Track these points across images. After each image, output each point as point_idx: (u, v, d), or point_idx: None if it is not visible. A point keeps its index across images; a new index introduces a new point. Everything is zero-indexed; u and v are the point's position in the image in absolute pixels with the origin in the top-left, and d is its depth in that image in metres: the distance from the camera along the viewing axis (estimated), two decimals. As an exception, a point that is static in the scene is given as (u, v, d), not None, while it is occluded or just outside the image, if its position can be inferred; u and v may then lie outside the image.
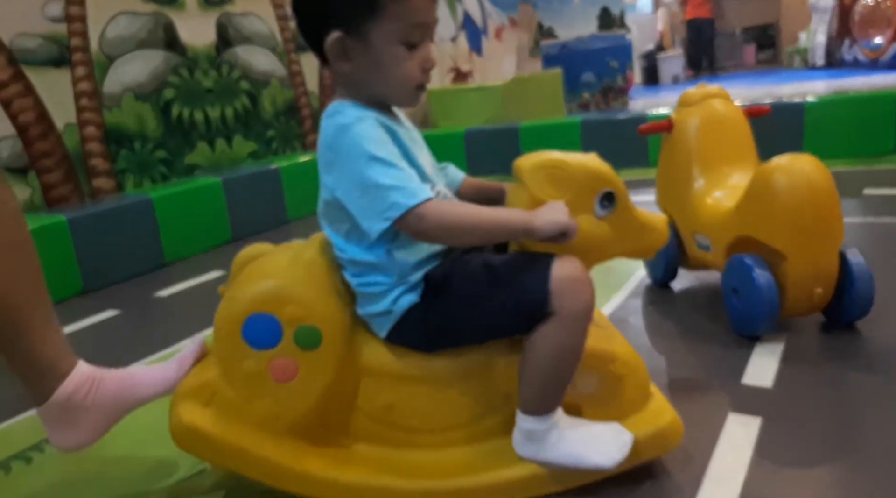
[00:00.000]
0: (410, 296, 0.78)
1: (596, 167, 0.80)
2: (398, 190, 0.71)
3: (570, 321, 0.74)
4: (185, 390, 0.81)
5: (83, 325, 1.79)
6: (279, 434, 0.78)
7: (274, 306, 0.75)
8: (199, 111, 2.90)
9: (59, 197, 2.38)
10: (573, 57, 4.91)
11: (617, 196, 0.81)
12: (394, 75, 0.76)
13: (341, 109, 0.76)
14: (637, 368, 0.85)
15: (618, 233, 0.82)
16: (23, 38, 2.26)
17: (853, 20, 6.00)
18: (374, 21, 0.73)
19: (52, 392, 0.81)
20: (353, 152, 0.73)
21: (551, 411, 0.77)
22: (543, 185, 0.78)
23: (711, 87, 1.42)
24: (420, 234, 0.74)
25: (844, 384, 1.03)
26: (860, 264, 1.13)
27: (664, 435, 0.83)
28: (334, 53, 0.76)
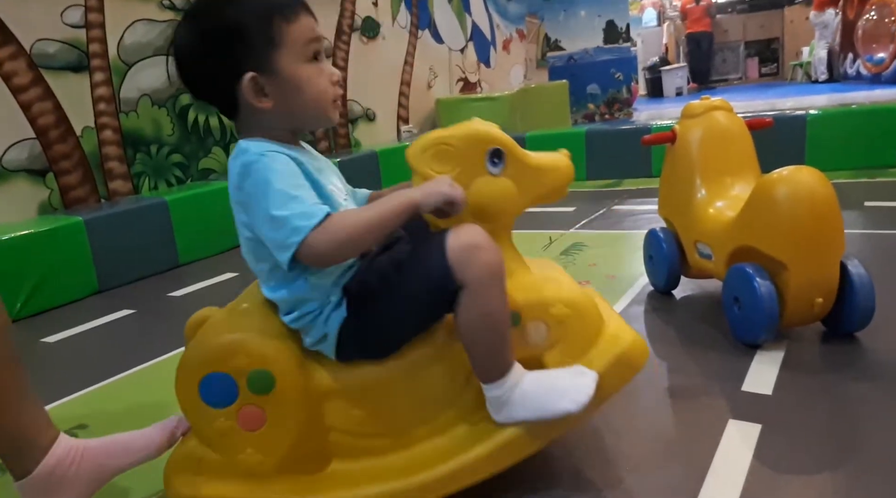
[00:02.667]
0: (338, 313, 0.80)
1: (474, 130, 0.82)
2: (297, 216, 0.72)
3: (480, 286, 0.75)
4: (173, 465, 0.84)
5: (98, 323, 1.82)
6: (270, 477, 0.80)
7: (221, 364, 0.77)
8: (213, 117, 2.95)
9: (77, 198, 2.43)
10: (579, 69, 4.97)
11: (504, 150, 0.83)
12: (311, 94, 0.78)
13: (245, 148, 0.77)
14: (582, 304, 0.85)
15: (520, 183, 0.84)
16: (43, 44, 2.32)
17: (856, 35, 6.05)
18: (277, 50, 0.76)
19: (35, 466, 0.80)
20: (259, 188, 0.74)
21: (505, 373, 0.78)
22: (432, 165, 0.81)
23: (715, 99, 1.45)
24: (323, 260, 0.75)
25: (843, 393, 1.04)
26: (861, 275, 1.15)
27: (627, 358, 0.83)
28: (252, 93, 0.77)
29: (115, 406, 1.30)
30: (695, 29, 8.15)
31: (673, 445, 0.95)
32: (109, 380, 1.42)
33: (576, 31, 5.23)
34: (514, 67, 5.80)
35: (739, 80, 8.88)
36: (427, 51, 4.56)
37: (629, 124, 3.67)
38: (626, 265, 1.82)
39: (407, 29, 4.37)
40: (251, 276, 0.85)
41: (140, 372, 1.45)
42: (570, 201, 2.80)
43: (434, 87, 4.63)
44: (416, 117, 4.39)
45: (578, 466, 0.91)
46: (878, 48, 5.76)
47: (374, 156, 3.40)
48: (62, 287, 2.03)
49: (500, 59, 5.56)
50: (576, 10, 5.25)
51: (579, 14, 5.24)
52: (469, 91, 5.05)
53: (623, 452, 0.93)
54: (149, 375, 1.43)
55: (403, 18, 4.33)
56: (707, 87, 8.14)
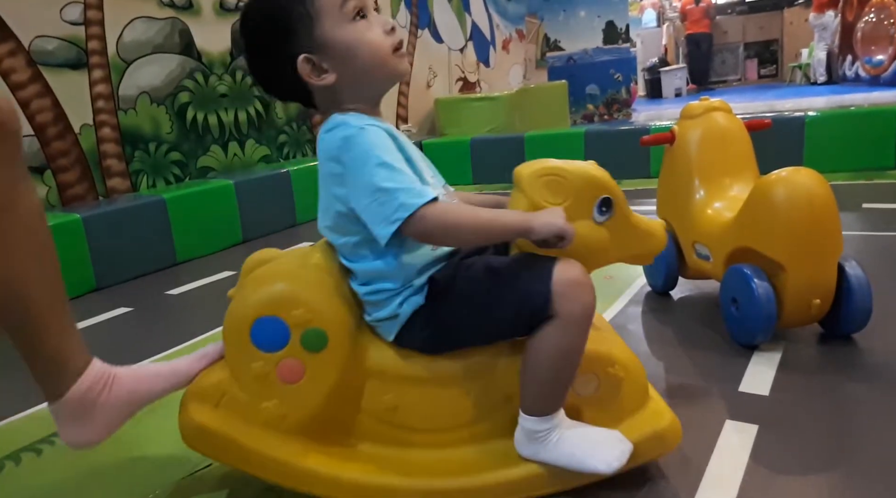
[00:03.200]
0: (415, 299, 0.80)
1: (594, 174, 0.82)
2: (405, 192, 0.72)
3: (571, 323, 0.75)
4: (195, 391, 0.83)
5: (96, 321, 1.82)
6: (286, 433, 0.80)
7: (281, 310, 0.77)
8: (212, 115, 2.94)
9: (75, 196, 2.42)
10: (578, 69, 4.98)
11: (615, 202, 0.83)
12: (367, 50, 0.77)
13: (342, 121, 0.77)
14: (636, 371, 0.86)
15: (616, 238, 0.84)
16: (42, 41, 2.31)
17: (855, 37, 6.07)
18: (317, 23, 0.76)
19: (67, 389, 0.81)
20: (362, 161, 0.74)
21: (553, 412, 0.79)
22: (542, 192, 0.80)
23: (714, 100, 1.45)
24: (423, 235, 0.75)
25: (840, 394, 1.05)
26: (859, 276, 1.15)
27: (662, 437, 0.84)
28: (311, 74, 0.78)
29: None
30: (694, 30, 8.18)
31: (670, 445, 0.95)
32: (106, 378, 1.42)
33: (575, 31, 5.24)
34: (513, 67, 5.80)
35: (738, 81, 8.90)
36: (426, 50, 4.55)
37: (628, 125, 3.67)
38: (624, 266, 1.81)
39: (406, 28, 4.36)
40: (249, 274, 0.85)
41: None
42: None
43: (433, 87, 4.63)
44: (414, 117, 4.39)
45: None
46: (876, 50, 5.78)
47: (373, 155, 3.40)
48: (60, 285, 2.03)
49: (500, 58, 5.56)
50: (575, 10, 5.26)
51: (579, 14, 5.25)
52: (468, 91, 5.06)
53: (620, 452, 0.93)
54: (146, 373, 1.43)
55: (403, 18, 4.32)
56: (706, 88, 8.16)
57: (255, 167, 3.09)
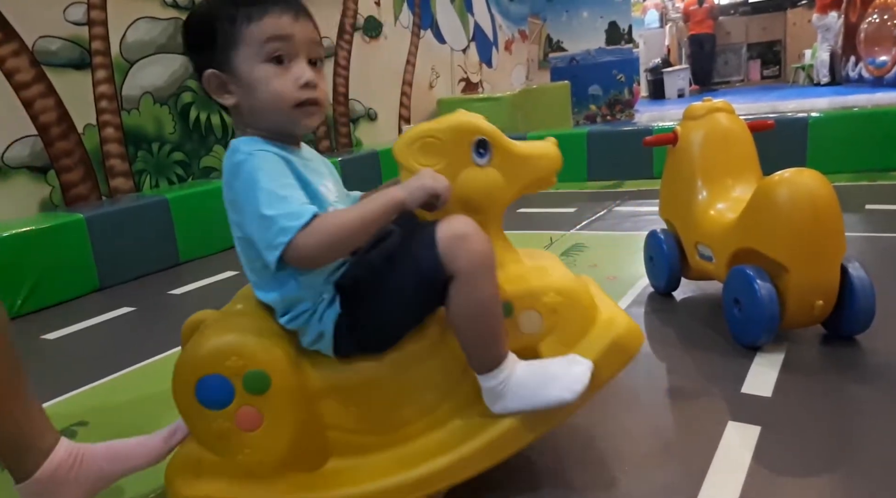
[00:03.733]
0: (331, 310, 0.80)
1: (459, 121, 0.82)
2: (285, 216, 0.72)
3: (469, 276, 0.75)
4: (174, 468, 0.84)
5: (99, 321, 1.83)
6: (270, 476, 0.81)
7: (215, 365, 0.77)
8: (215, 115, 2.95)
9: (78, 196, 2.43)
10: (581, 70, 4.97)
11: (490, 141, 0.83)
12: (266, 96, 0.77)
13: (236, 147, 0.78)
14: (574, 292, 0.85)
15: (507, 173, 0.84)
16: (45, 41, 2.32)
17: (858, 38, 6.05)
18: (234, 49, 0.77)
19: (36, 469, 0.81)
20: (247, 187, 0.74)
21: (499, 364, 0.79)
22: (418, 158, 0.81)
23: (717, 101, 1.45)
24: (310, 261, 0.75)
25: (843, 395, 1.05)
26: (862, 278, 1.15)
27: (620, 344, 0.83)
28: (213, 89, 0.79)
29: (115, 403, 1.30)
30: (697, 31, 8.17)
31: (672, 446, 0.95)
32: (109, 377, 1.42)
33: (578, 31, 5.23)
34: (515, 68, 5.80)
35: (741, 82, 8.88)
36: (429, 51, 4.56)
37: (631, 125, 3.67)
38: (627, 266, 1.82)
39: (409, 29, 4.37)
40: (248, 275, 0.85)
41: (140, 369, 1.45)
42: (571, 202, 2.80)
43: (436, 87, 4.63)
44: (417, 117, 4.39)
45: (577, 467, 0.91)
46: (880, 51, 5.76)
47: (376, 155, 3.40)
48: (63, 284, 2.03)
49: (502, 59, 5.56)
50: (578, 10, 5.25)
51: (582, 15, 5.24)
52: (471, 91, 5.06)
53: (622, 452, 0.93)
54: (149, 373, 1.43)
55: (406, 18, 4.33)
56: (709, 88, 8.15)
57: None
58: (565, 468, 0.90)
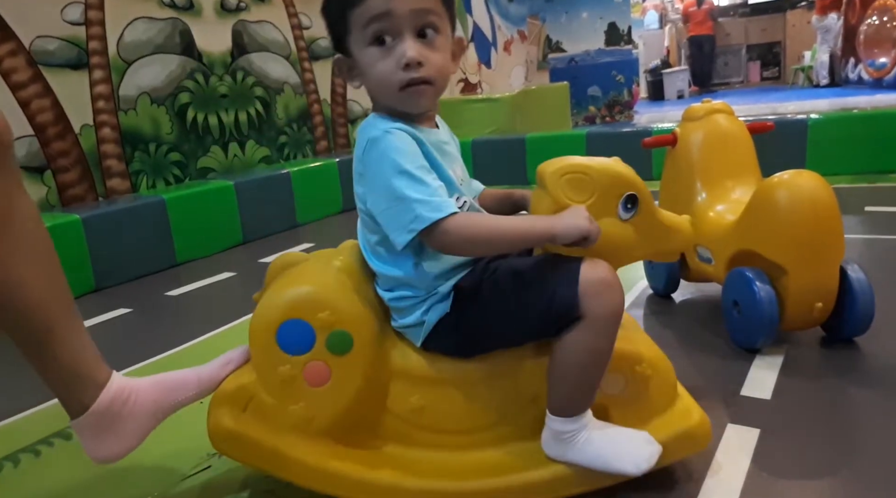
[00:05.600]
0: (441, 306, 0.80)
1: (618, 170, 0.81)
2: (423, 203, 0.72)
3: (599, 324, 0.74)
4: (222, 395, 0.83)
5: (95, 322, 1.82)
6: (313, 436, 0.80)
7: (306, 313, 0.77)
8: (213, 116, 2.95)
9: (75, 196, 2.42)
10: (580, 71, 4.97)
11: (640, 198, 0.82)
12: (374, 79, 0.77)
13: (372, 123, 0.78)
14: (664, 369, 0.86)
15: (642, 235, 0.83)
16: (42, 41, 2.31)
17: (858, 40, 6.06)
18: (348, 35, 0.77)
19: (91, 403, 0.80)
20: (382, 165, 0.74)
21: (581, 413, 0.78)
22: (566, 190, 0.79)
23: (716, 102, 1.44)
24: (444, 248, 0.75)
25: (842, 398, 1.04)
26: (861, 280, 1.14)
27: (692, 436, 0.84)
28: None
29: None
30: (697, 32, 8.17)
31: (670, 449, 0.94)
32: (104, 379, 1.41)
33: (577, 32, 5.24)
34: (514, 69, 5.80)
35: (741, 83, 8.89)
36: (428, 51, 4.55)
37: (630, 127, 3.67)
38: (626, 268, 1.80)
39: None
40: (249, 275, 0.85)
41: (137, 371, 1.44)
42: (570, 203, 2.79)
43: (435, 88, 4.62)
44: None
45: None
46: (879, 53, 5.77)
47: (374, 156, 3.40)
48: (59, 285, 2.02)
49: (501, 60, 5.56)
50: (578, 11, 5.26)
51: (581, 16, 5.24)
52: (469, 92, 5.05)
53: (620, 456, 0.93)
54: (146, 375, 1.42)
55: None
56: (708, 90, 8.16)
57: (255, 168, 3.09)
58: (563, 472, 0.90)
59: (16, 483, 1.01)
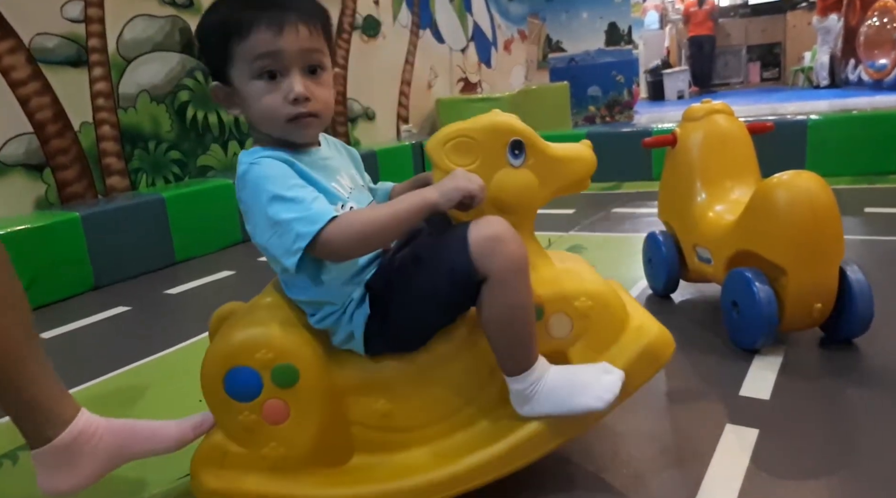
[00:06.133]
0: (360, 311, 0.80)
1: (496, 121, 0.81)
2: (300, 221, 0.72)
3: (503, 278, 0.75)
4: (199, 458, 0.84)
5: (94, 320, 1.81)
6: (294, 470, 0.81)
7: (245, 358, 0.77)
8: (212, 114, 2.94)
9: (74, 194, 2.42)
10: (580, 71, 4.96)
11: (525, 142, 0.82)
12: (259, 111, 0.78)
13: (241, 159, 0.79)
14: (605, 297, 0.84)
15: (541, 175, 0.83)
16: (42, 38, 2.31)
17: (858, 41, 6.06)
18: (229, 65, 0.78)
19: (56, 435, 0.80)
20: (255, 197, 0.75)
21: (530, 367, 0.78)
22: (451, 157, 0.80)
23: (716, 103, 1.44)
24: (335, 255, 0.75)
25: (841, 398, 1.04)
26: (860, 281, 1.14)
27: (651, 352, 0.82)
28: (219, 100, 0.81)
29: (110, 403, 1.29)
30: (697, 32, 8.17)
31: (670, 448, 0.94)
32: (104, 377, 1.41)
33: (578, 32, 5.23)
34: (514, 68, 5.79)
35: (741, 84, 8.89)
36: (428, 50, 4.55)
37: (630, 127, 3.67)
38: (625, 268, 1.82)
39: (408, 28, 4.36)
40: (248, 273, 0.85)
41: (135, 369, 1.44)
42: (570, 203, 2.79)
43: (434, 87, 4.63)
44: (416, 117, 4.38)
45: (575, 470, 0.90)
46: (879, 54, 5.77)
47: (374, 155, 3.40)
48: (58, 283, 2.02)
49: (502, 59, 5.56)
50: (578, 11, 5.25)
51: (581, 16, 5.24)
52: (469, 91, 5.05)
53: (619, 456, 0.93)
54: (144, 373, 1.42)
55: (404, 17, 4.32)
56: (708, 90, 8.15)
57: (255, 166, 3.09)
58: (562, 470, 0.90)
59: (14, 481, 1.01)
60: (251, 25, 0.76)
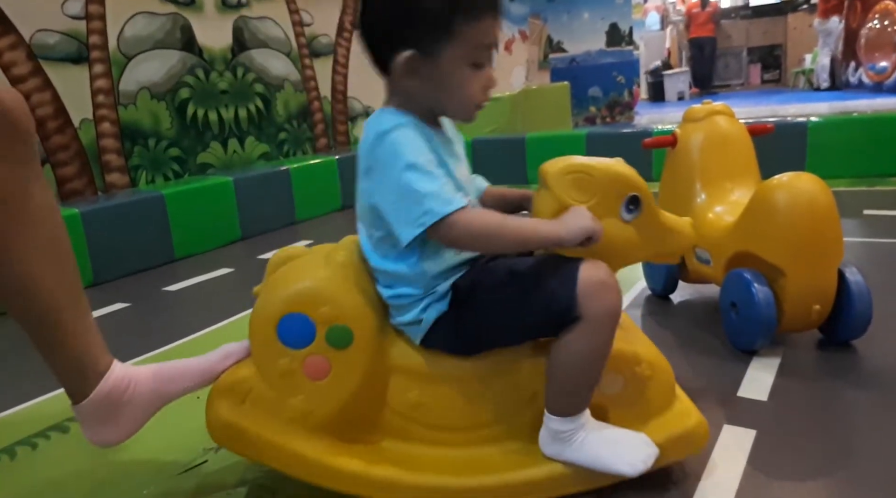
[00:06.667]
0: (439, 305, 0.80)
1: (621, 171, 0.81)
2: (433, 197, 0.72)
3: (597, 324, 0.75)
4: (222, 387, 0.83)
5: (93, 316, 1.81)
6: (311, 430, 0.80)
7: (307, 307, 0.78)
8: (213, 112, 2.94)
9: (73, 190, 2.42)
10: (581, 71, 4.97)
11: (642, 200, 0.82)
12: (458, 95, 0.78)
13: (382, 116, 0.78)
14: (662, 371, 0.86)
15: (643, 236, 0.83)
16: (43, 35, 2.31)
17: (859, 43, 6.06)
18: (446, 43, 0.75)
19: (91, 390, 0.82)
20: (391, 159, 0.74)
21: (578, 413, 0.79)
22: (569, 190, 0.79)
23: (716, 104, 1.44)
24: (449, 241, 0.76)
25: (839, 400, 1.04)
26: (859, 283, 1.15)
27: (689, 438, 0.84)
28: (403, 70, 0.77)
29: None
30: (698, 34, 8.18)
31: (667, 450, 0.94)
32: (101, 373, 1.41)
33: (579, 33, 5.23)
34: (515, 68, 5.79)
35: (741, 86, 8.89)
36: (429, 50, 4.54)
37: (630, 128, 3.67)
38: (625, 269, 1.82)
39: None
40: (247, 271, 0.85)
41: (134, 365, 1.44)
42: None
43: (435, 87, 4.62)
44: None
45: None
46: (880, 57, 5.77)
47: (374, 154, 3.39)
48: (57, 279, 2.02)
49: (502, 59, 5.56)
50: (579, 12, 5.25)
51: (582, 16, 5.24)
52: (470, 91, 5.03)
53: (616, 456, 0.93)
54: (141, 370, 1.43)
55: (406, 17, 4.31)
56: (709, 92, 8.16)
57: (254, 164, 3.09)
58: (559, 471, 0.90)
59: (12, 476, 1.01)
60: (484, 10, 0.75)
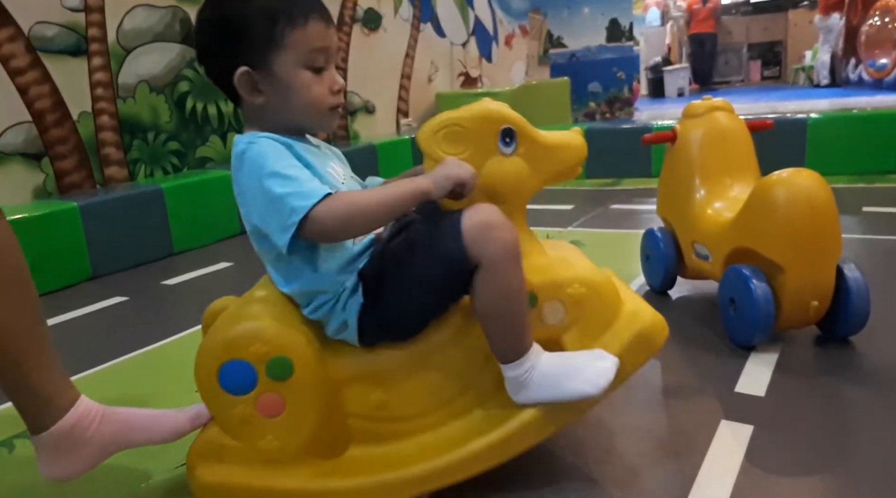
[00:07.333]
0: (354, 299, 0.80)
1: (485, 110, 0.82)
2: (294, 195, 0.72)
3: (496, 265, 0.75)
4: (196, 453, 0.84)
5: (91, 310, 1.81)
6: (292, 461, 0.81)
7: (239, 351, 0.78)
8: (212, 105, 2.93)
9: (72, 184, 2.41)
10: (581, 67, 4.95)
11: (516, 130, 0.83)
12: (303, 101, 0.79)
13: (238, 141, 0.79)
14: (598, 283, 0.84)
15: (532, 163, 0.84)
16: (42, 27, 2.30)
17: (859, 40, 6.05)
18: (276, 54, 0.77)
19: (53, 422, 0.81)
20: (254, 172, 0.75)
21: (523, 354, 0.79)
22: (443, 146, 0.81)
23: (716, 100, 1.44)
24: (323, 236, 0.75)
25: (836, 396, 1.05)
26: (857, 279, 1.15)
27: (645, 337, 0.83)
28: (245, 88, 0.79)
29: (106, 394, 1.28)
30: (699, 30, 8.15)
31: (665, 444, 0.95)
32: (101, 367, 1.41)
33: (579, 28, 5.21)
34: (515, 63, 5.78)
35: (741, 82, 8.88)
36: (428, 44, 4.53)
37: (630, 123, 3.66)
38: (623, 265, 1.82)
39: (409, 21, 4.34)
40: (246, 265, 0.85)
41: (132, 359, 1.45)
42: (569, 200, 2.79)
43: (435, 81, 4.61)
44: (415, 111, 4.37)
45: (570, 465, 0.91)
46: (880, 54, 5.76)
47: (373, 149, 3.39)
48: (55, 273, 2.01)
49: (502, 54, 5.54)
50: (579, 7, 5.23)
51: (583, 11, 5.22)
52: (470, 86, 5.04)
53: (615, 450, 0.93)
54: (141, 364, 1.43)
55: (405, 11, 4.30)
56: (709, 88, 8.14)
57: (254, 159, 3.08)
58: (557, 466, 0.90)
59: (10, 469, 1.01)
60: (308, 16, 0.77)
